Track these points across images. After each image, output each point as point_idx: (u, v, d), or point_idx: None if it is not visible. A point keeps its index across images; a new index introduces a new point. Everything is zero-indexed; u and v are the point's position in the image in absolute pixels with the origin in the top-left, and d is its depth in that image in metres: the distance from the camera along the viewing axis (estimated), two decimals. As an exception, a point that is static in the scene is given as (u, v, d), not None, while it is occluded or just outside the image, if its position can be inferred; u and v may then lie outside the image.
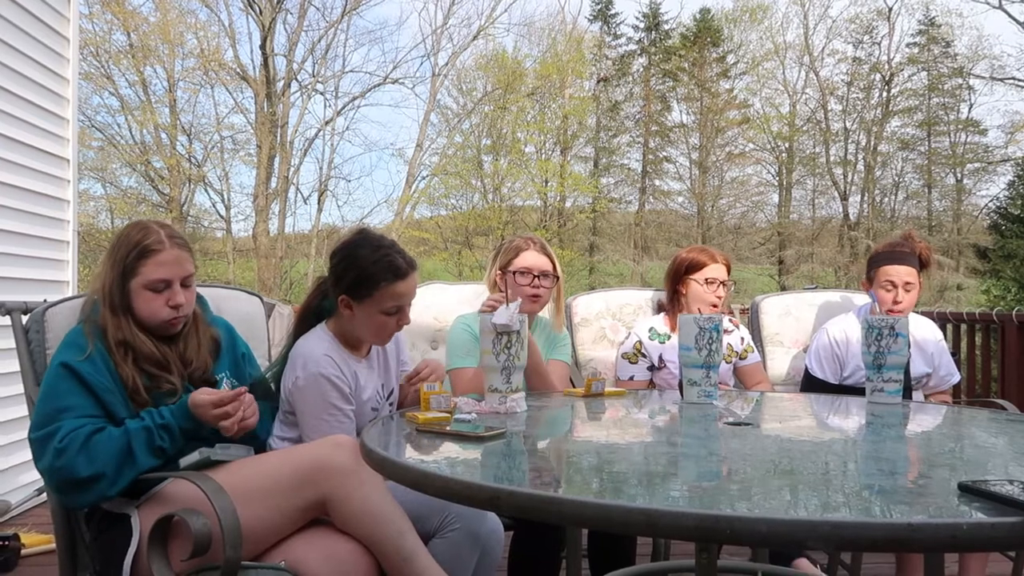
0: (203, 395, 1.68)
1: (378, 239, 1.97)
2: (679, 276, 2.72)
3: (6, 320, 1.84)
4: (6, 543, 2.91)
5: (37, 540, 3.11)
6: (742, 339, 2.79)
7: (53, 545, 1.94)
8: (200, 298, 1.93)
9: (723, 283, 2.67)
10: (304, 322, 2.06)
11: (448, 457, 1.29)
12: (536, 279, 2.39)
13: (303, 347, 1.95)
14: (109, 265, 1.75)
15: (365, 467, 1.48)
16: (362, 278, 1.90)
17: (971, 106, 25.74)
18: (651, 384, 2.69)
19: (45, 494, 1.86)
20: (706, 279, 2.66)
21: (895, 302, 2.59)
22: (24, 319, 1.84)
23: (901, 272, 2.61)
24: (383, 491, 1.63)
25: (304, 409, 1.89)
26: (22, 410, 1.80)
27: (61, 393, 1.63)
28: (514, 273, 2.38)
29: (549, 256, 2.45)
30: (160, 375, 1.74)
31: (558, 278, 2.45)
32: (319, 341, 1.96)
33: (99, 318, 1.73)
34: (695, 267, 2.69)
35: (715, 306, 2.62)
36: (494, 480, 1.13)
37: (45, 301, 1.87)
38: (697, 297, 2.65)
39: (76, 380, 1.64)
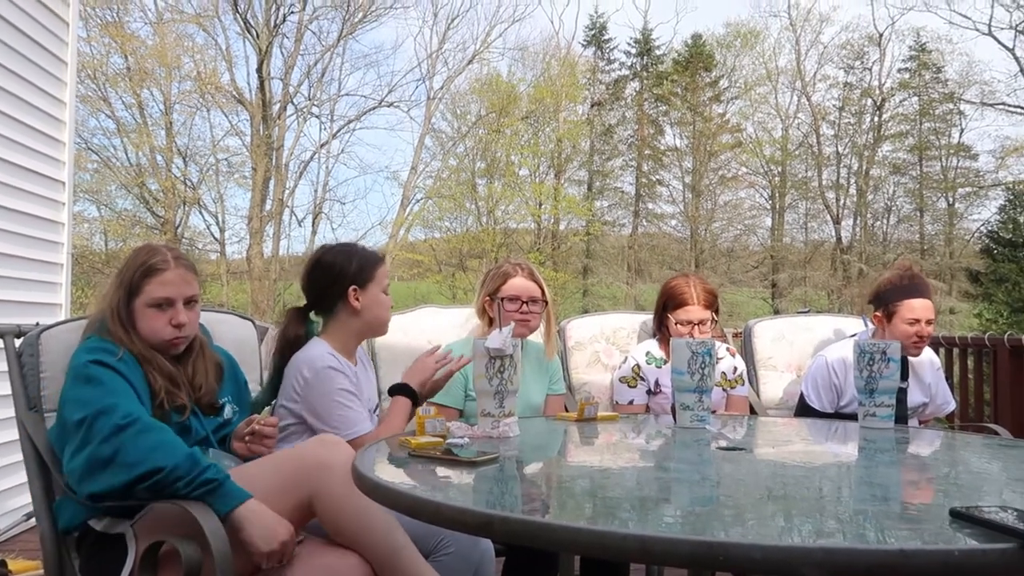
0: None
1: (336, 243, 2.21)
2: (662, 309, 2.72)
3: (-2, 343, 1.83)
4: (-7, 569, 2.88)
5: (24, 566, 3.07)
6: (735, 368, 2.78)
7: (41, 572, 1.91)
8: (202, 327, 1.95)
9: (700, 324, 2.61)
10: (286, 353, 2.09)
11: (441, 482, 1.29)
12: (525, 305, 2.40)
13: (302, 355, 2.04)
14: (117, 284, 1.78)
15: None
16: (363, 263, 2.11)
17: (962, 131, 25.97)
18: (647, 409, 2.69)
19: (33, 519, 1.84)
20: (679, 321, 2.63)
21: (920, 336, 2.58)
22: (17, 343, 1.83)
23: (925, 306, 2.59)
24: None
25: (317, 401, 1.97)
26: (12, 434, 1.78)
27: (105, 380, 1.64)
28: (503, 299, 2.39)
29: (537, 281, 2.46)
30: (173, 391, 1.76)
31: (547, 303, 2.45)
32: (317, 346, 2.06)
33: (113, 336, 1.74)
34: (675, 304, 2.65)
35: None
36: (487, 505, 1.13)
37: (37, 324, 1.86)
38: (676, 336, 2.63)
39: (117, 375, 1.65)
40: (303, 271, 2.18)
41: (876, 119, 26.49)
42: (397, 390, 2.04)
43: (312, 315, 2.18)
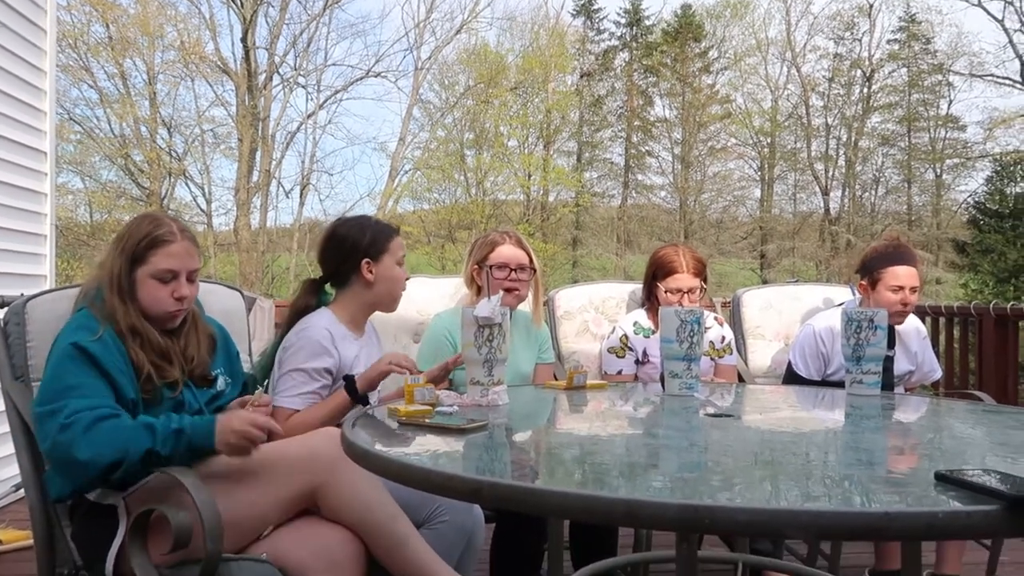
0: (259, 418, 1.62)
1: (351, 215, 2.19)
2: (652, 278, 2.73)
3: (-18, 314, 1.81)
4: (-17, 540, 2.89)
5: (14, 536, 3.08)
6: (723, 337, 2.80)
7: (31, 541, 1.92)
8: (195, 299, 1.93)
9: (690, 292, 2.64)
10: (292, 322, 2.12)
11: (430, 450, 1.29)
12: (513, 272, 2.39)
13: (305, 321, 2.06)
14: (117, 252, 1.75)
15: None
16: (376, 236, 2.11)
17: (950, 102, 25.99)
18: (635, 378, 2.70)
19: (23, 490, 1.83)
20: (669, 290, 2.65)
21: (904, 304, 2.59)
22: (1, 313, 1.81)
23: (909, 273, 2.60)
24: (372, 478, 1.63)
25: (283, 363, 1.99)
26: (-1, 405, 1.78)
27: (69, 372, 1.61)
28: (491, 267, 2.38)
29: (526, 249, 2.45)
30: (163, 366, 1.74)
31: (535, 271, 2.45)
32: (321, 317, 2.08)
33: (106, 305, 1.72)
34: (664, 272, 2.67)
35: None
36: (476, 472, 1.13)
37: (22, 295, 1.84)
38: (665, 304, 2.64)
39: (86, 360, 1.62)
40: (318, 244, 2.19)
41: (865, 90, 26.45)
42: (347, 381, 1.98)
43: (328, 287, 2.18)
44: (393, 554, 1.60)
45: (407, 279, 2.18)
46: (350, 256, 2.09)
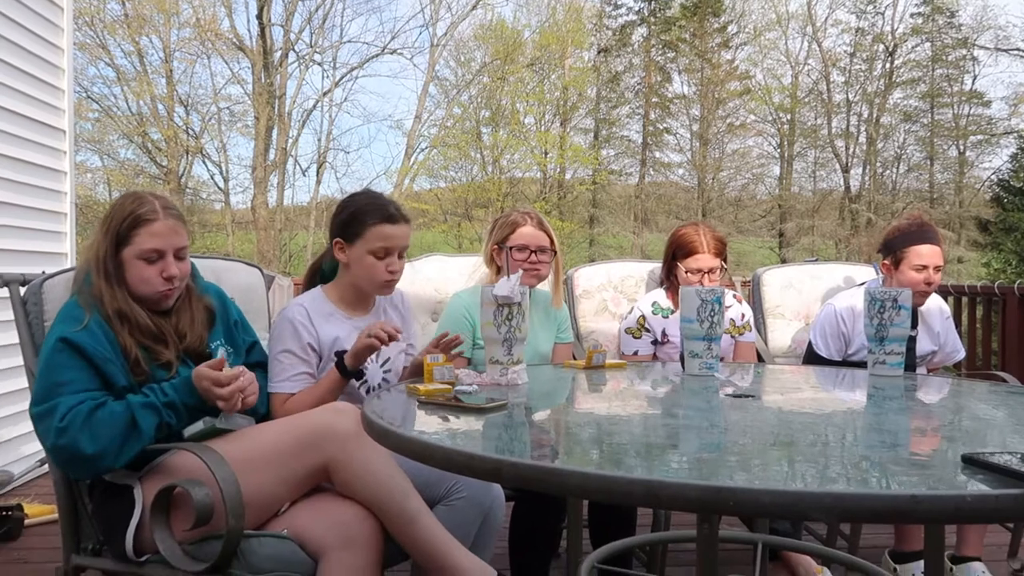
0: (205, 371, 1.66)
1: (377, 192, 2.08)
2: (671, 258, 2.71)
3: (5, 292, 1.83)
4: (9, 513, 2.93)
5: (40, 510, 3.13)
6: (743, 315, 2.79)
7: (56, 515, 1.94)
8: (191, 265, 1.89)
9: (710, 272, 2.62)
10: (307, 285, 2.15)
11: (450, 428, 1.29)
12: (533, 254, 2.38)
13: (289, 302, 2.05)
14: (102, 234, 1.72)
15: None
16: (352, 217, 1.98)
17: (975, 77, 25.49)
18: (654, 358, 2.69)
19: (47, 465, 1.86)
20: (689, 270, 2.63)
21: (927, 283, 2.56)
22: (22, 291, 1.83)
23: (933, 252, 2.57)
24: (385, 454, 1.63)
25: (270, 349, 1.98)
26: (22, 382, 1.80)
27: (58, 367, 1.61)
28: (511, 248, 2.37)
29: (546, 231, 2.43)
30: (155, 348, 1.73)
31: (556, 252, 2.44)
32: (305, 296, 2.06)
33: (93, 289, 1.71)
34: (684, 252, 2.66)
35: None
36: (496, 451, 1.13)
37: (43, 273, 1.85)
38: (686, 284, 2.62)
39: (73, 352, 1.62)
40: None
41: (888, 65, 26.00)
42: (339, 357, 1.94)
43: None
44: (404, 530, 1.61)
45: (391, 271, 1.98)
46: (330, 229, 2.04)
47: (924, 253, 2.56)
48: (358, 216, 1.97)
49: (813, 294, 3.04)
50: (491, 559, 1.78)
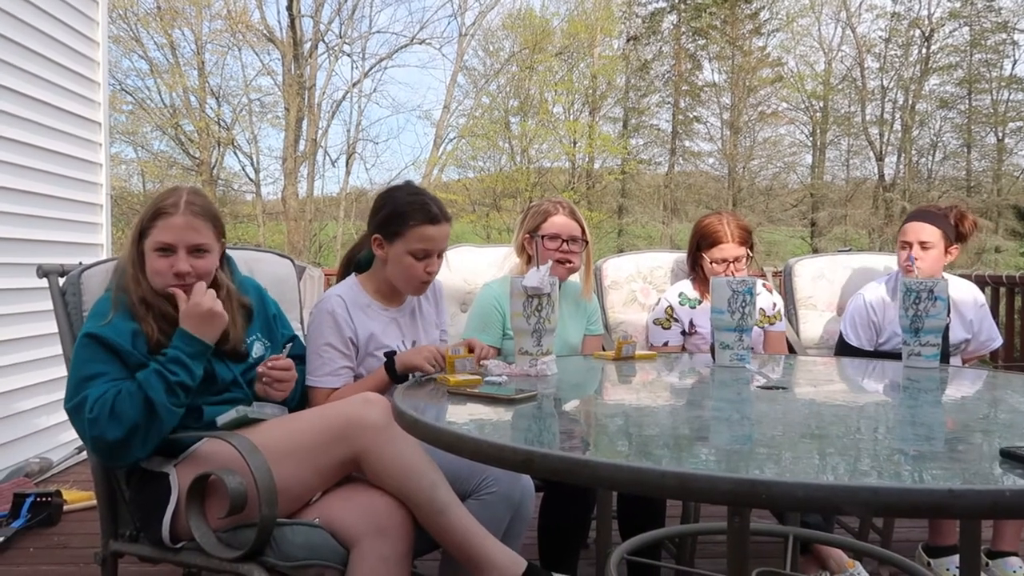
0: (192, 309, 1.69)
1: (418, 187, 2.06)
2: (696, 248, 2.69)
3: (44, 283, 1.86)
4: (49, 499, 3.00)
5: (79, 497, 3.20)
6: (774, 304, 2.76)
7: (94, 502, 1.98)
8: (229, 259, 1.91)
9: (735, 261, 2.60)
10: (342, 274, 2.16)
11: (479, 419, 1.30)
12: (565, 243, 2.37)
13: (327, 291, 2.04)
14: (136, 224, 1.77)
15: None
16: (394, 215, 1.96)
17: (1015, 62, 24.84)
18: (682, 349, 2.68)
19: (85, 452, 1.89)
20: (714, 260, 2.61)
21: (908, 260, 2.52)
22: (60, 281, 1.86)
23: (917, 229, 2.53)
24: (415, 445, 1.64)
25: (309, 341, 1.98)
26: (62, 371, 1.83)
27: (85, 362, 1.65)
28: (543, 237, 2.36)
29: (578, 220, 2.42)
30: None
31: (587, 243, 2.42)
32: (341, 286, 2.06)
33: (124, 276, 1.75)
34: (709, 242, 2.64)
35: None
36: (525, 442, 1.13)
37: (80, 264, 1.89)
38: (711, 275, 2.60)
39: (98, 346, 1.65)
40: None
41: (924, 51, 25.46)
42: (388, 358, 1.95)
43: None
44: (434, 521, 1.61)
45: (429, 272, 1.98)
46: (368, 225, 2.04)
47: (908, 230, 2.54)
48: (399, 214, 1.95)
49: (845, 285, 3.00)
50: (520, 549, 1.79)
